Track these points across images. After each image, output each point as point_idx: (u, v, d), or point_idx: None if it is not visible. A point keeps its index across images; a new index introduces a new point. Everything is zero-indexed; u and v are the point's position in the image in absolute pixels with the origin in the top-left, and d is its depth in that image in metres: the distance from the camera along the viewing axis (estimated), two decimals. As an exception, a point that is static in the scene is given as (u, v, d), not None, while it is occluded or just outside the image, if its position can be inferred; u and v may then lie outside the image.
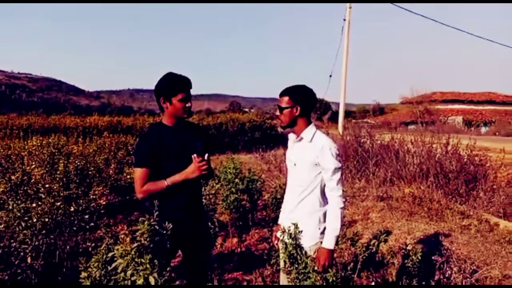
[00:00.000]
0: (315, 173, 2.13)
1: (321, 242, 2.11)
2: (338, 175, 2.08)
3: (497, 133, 25.12)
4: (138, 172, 2.10)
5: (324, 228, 2.14)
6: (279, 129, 18.97)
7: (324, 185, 2.15)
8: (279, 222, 2.47)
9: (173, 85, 2.13)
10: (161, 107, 2.18)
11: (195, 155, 2.14)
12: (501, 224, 4.20)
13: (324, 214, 2.15)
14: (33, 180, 3.82)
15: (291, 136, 2.30)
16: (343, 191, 2.09)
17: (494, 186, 5.32)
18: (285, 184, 2.44)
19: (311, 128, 2.18)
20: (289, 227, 2.16)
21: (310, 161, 2.12)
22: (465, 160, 5.65)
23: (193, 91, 2.21)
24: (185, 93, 2.14)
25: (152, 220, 1.92)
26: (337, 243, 2.11)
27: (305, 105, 2.15)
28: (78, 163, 4.66)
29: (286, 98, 2.15)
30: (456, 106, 36.33)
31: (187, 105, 2.16)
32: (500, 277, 3.08)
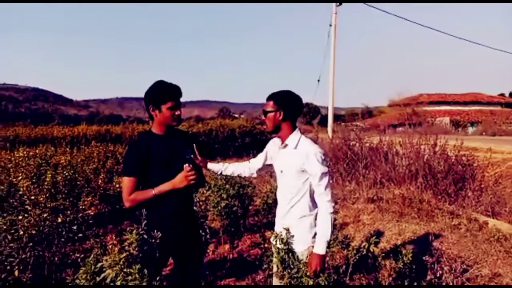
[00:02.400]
0: (303, 180, 2.12)
1: (313, 247, 2.10)
2: (325, 180, 2.06)
3: (483, 133, 25.50)
4: (126, 181, 2.09)
5: (316, 233, 2.12)
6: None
7: (313, 190, 2.13)
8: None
9: (163, 93, 2.12)
10: (150, 115, 2.17)
11: (186, 164, 2.14)
12: (490, 222, 4.24)
13: (315, 219, 2.15)
14: (20, 192, 3.76)
15: (276, 141, 2.30)
16: (332, 195, 2.08)
17: (482, 186, 5.38)
18: (276, 189, 2.44)
19: (296, 134, 2.17)
20: (281, 232, 2.16)
21: (296, 168, 2.11)
22: (453, 160, 5.72)
23: (182, 98, 2.21)
24: (174, 101, 2.14)
25: (140, 230, 1.90)
26: (328, 247, 2.11)
27: (289, 110, 2.14)
28: (66, 174, 4.60)
29: (270, 102, 2.15)
30: (443, 108, 36.84)
31: (176, 113, 2.15)
32: (490, 275, 3.11)
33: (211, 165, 2.49)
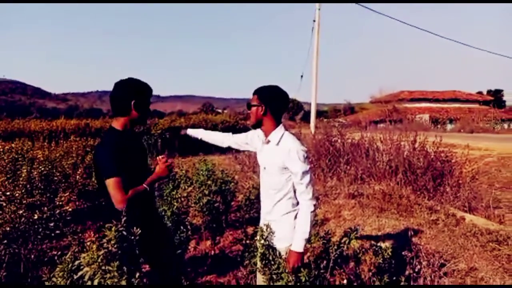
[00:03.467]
0: (286, 176, 2.12)
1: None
2: (306, 178, 2.04)
3: (461, 130, 26.10)
4: (115, 182, 1.99)
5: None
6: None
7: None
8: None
9: (148, 92, 2.15)
10: (124, 111, 2.12)
11: (160, 156, 2.20)
12: (466, 218, 4.35)
13: (296, 215, 2.15)
14: (-6, 187, 3.65)
15: (261, 136, 2.28)
16: (313, 193, 2.07)
17: (460, 181, 5.50)
18: (258, 185, 2.44)
19: (279, 130, 2.14)
20: (262, 228, 2.16)
21: (278, 165, 2.10)
22: (432, 156, 5.83)
23: (165, 92, 2.22)
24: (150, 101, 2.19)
25: (119, 226, 1.86)
26: (310, 243, 2.11)
27: (273, 105, 2.13)
28: (43, 169, 4.48)
29: (255, 96, 2.15)
30: (423, 105, 37.55)
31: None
32: (466, 269, 3.19)
33: (190, 131, 2.65)
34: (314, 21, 13.66)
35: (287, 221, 2.15)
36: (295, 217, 2.14)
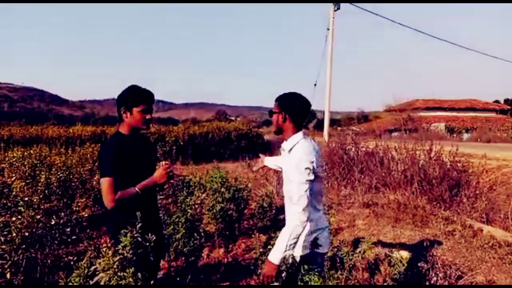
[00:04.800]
0: None
1: (309, 251, 2.11)
2: (300, 190, 1.97)
3: (478, 139, 25.61)
4: (107, 182, 2.08)
5: (314, 239, 2.15)
6: (266, 137, 19.02)
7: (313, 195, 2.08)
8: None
9: (136, 96, 2.21)
10: (120, 116, 2.24)
11: (163, 162, 2.22)
12: (484, 229, 4.26)
13: (312, 223, 2.13)
14: (14, 192, 3.72)
15: (282, 144, 2.28)
16: (304, 207, 1.97)
17: (477, 192, 5.40)
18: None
19: (295, 138, 2.14)
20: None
21: (287, 172, 2.10)
22: (448, 166, 5.74)
23: (180, 100, 2.28)
24: (146, 105, 2.22)
25: (134, 232, 1.88)
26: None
27: (292, 113, 2.13)
28: (61, 175, 4.56)
29: (276, 104, 2.18)
30: (439, 113, 37.01)
31: (147, 116, 2.24)
32: (484, 282, 3.12)
33: (268, 163, 2.75)
34: (328, 29, 13.68)
35: None
36: (308, 227, 2.11)
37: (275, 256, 2.01)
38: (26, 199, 3.24)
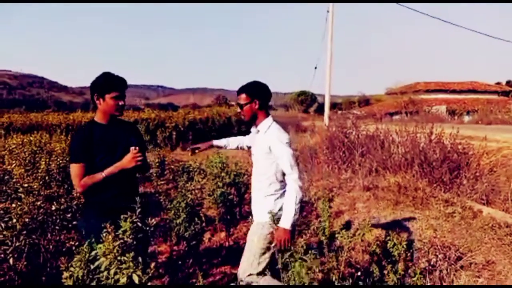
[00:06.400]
0: (270, 161, 2.36)
1: (273, 223, 2.32)
2: (291, 160, 2.27)
3: (479, 122, 25.50)
4: (75, 167, 2.19)
5: (279, 210, 2.37)
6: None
7: (280, 172, 2.36)
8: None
9: (108, 83, 2.25)
10: (94, 103, 2.28)
11: (132, 147, 2.24)
12: (484, 211, 4.27)
13: (278, 198, 2.40)
14: (14, 179, 3.73)
15: (252, 129, 2.54)
16: (299, 174, 2.30)
17: (477, 174, 5.40)
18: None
19: (268, 121, 2.41)
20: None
21: (264, 150, 2.35)
22: (449, 148, 5.72)
23: (180, 85, 2.30)
24: (118, 91, 2.26)
25: (134, 217, 1.89)
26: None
27: (262, 98, 2.38)
28: (60, 161, 4.57)
29: (243, 95, 2.38)
30: (440, 96, 36.81)
31: (119, 103, 2.28)
32: (484, 262, 3.14)
33: (216, 142, 2.89)
34: (328, 11, 13.49)
35: (268, 202, 2.40)
36: (274, 200, 2.39)
37: (286, 221, 2.26)
38: (26, 185, 3.25)
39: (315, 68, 18.14)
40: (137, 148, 2.25)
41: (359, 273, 2.66)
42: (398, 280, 2.43)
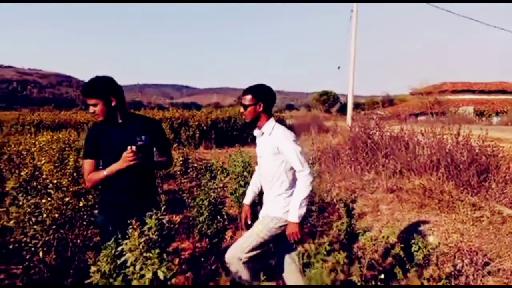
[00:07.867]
0: (278, 162, 2.41)
1: (284, 220, 2.38)
2: (301, 157, 2.32)
3: (509, 123, 24.69)
4: (84, 164, 2.35)
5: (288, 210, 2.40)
6: (288, 122, 18.93)
7: (290, 171, 2.42)
8: (246, 202, 2.87)
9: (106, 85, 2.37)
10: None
11: (129, 146, 2.23)
12: (513, 215, 4.13)
13: (289, 196, 2.43)
14: (44, 175, 3.84)
15: (256, 132, 2.56)
16: (309, 168, 2.33)
17: (507, 177, 5.22)
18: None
19: (271, 122, 2.46)
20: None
21: (272, 151, 2.39)
22: (477, 151, 5.56)
23: (202, 85, 2.30)
24: (86, 99, 2.37)
25: (159, 215, 1.93)
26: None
27: (267, 101, 2.43)
28: (88, 158, 4.68)
29: (248, 96, 2.41)
30: (467, 96, 35.78)
31: (90, 110, 2.36)
32: (512, 269, 3.04)
33: (249, 201, 2.88)
34: (352, 10, 13.34)
35: (279, 200, 2.45)
36: (285, 198, 2.43)
37: (294, 216, 2.32)
38: (55, 181, 3.36)
39: (338, 67, 17.95)
40: (133, 147, 2.21)
41: (382, 276, 2.62)
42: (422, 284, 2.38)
